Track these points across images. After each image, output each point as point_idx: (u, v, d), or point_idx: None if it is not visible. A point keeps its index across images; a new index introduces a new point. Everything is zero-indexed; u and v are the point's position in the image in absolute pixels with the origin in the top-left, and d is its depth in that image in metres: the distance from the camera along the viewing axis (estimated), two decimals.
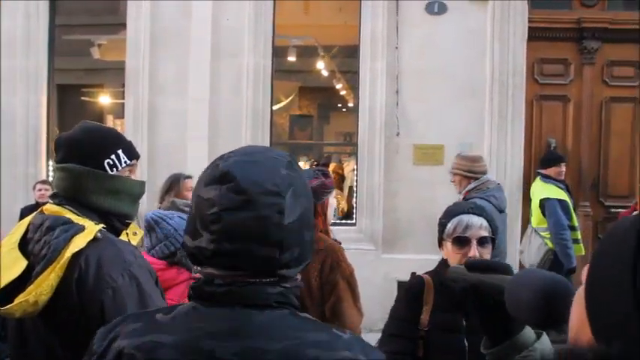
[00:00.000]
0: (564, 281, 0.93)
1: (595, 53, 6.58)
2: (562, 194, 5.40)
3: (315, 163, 8.97)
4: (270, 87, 6.56)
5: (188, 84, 6.43)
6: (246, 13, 6.41)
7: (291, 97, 10.09)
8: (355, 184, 6.72)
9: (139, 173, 2.01)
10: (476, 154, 4.96)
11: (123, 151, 1.86)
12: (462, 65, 6.30)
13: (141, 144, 6.14)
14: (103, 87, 9.29)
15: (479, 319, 1.12)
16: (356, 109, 6.67)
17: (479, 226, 2.15)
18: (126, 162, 1.86)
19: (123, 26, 6.67)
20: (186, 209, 3.07)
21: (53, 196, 1.85)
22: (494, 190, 4.52)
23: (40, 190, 6.07)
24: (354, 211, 6.66)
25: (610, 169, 6.61)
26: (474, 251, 2.12)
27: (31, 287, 1.61)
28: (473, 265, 1.16)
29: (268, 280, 1.04)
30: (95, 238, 1.68)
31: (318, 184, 2.85)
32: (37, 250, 1.69)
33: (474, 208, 2.24)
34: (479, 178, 4.55)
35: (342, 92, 9.48)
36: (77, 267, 1.65)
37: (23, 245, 1.74)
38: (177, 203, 3.67)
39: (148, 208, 4.35)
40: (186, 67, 6.42)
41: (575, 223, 5.43)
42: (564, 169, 5.65)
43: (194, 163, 5.34)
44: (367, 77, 6.42)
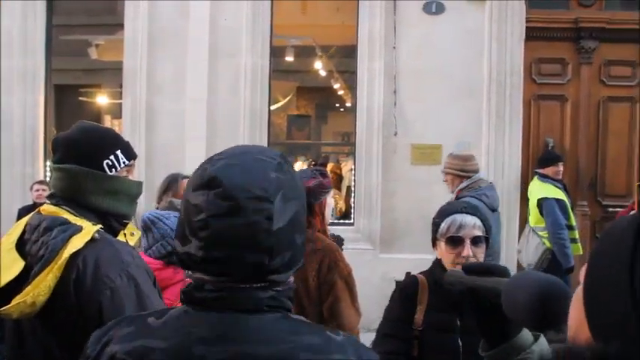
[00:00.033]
0: (560, 283, 0.93)
1: (592, 53, 6.59)
2: (560, 194, 5.40)
3: (312, 162, 8.96)
4: (267, 87, 6.55)
5: (186, 84, 6.42)
6: (244, 13, 6.41)
7: (288, 97, 10.09)
8: (353, 183, 6.72)
9: (136, 173, 2.01)
10: (467, 153, 4.98)
11: (122, 152, 1.86)
12: (460, 65, 6.30)
13: (138, 144, 6.13)
14: (101, 87, 9.29)
15: (476, 321, 1.12)
16: (354, 108, 6.66)
17: (472, 225, 2.14)
18: (124, 162, 1.86)
19: (120, 26, 6.66)
20: None
21: (50, 197, 1.85)
22: (486, 188, 4.52)
23: (37, 190, 6.05)
24: (352, 210, 6.66)
25: (607, 169, 6.61)
26: (467, 250, 2.11)
27: (28, 288, 1.61)
28: (470, 268, 1.16)
29: (259, 285, 1.03)
30: (93, 239, 1.68)
31: (315, 184, 2.85)
32: (34, 250, 1.69)
33: (467, 208, 2.23)
34: (471, 177, 4.56)
35: (340, 92, 9.49)
36: (75, 268, 1.64)
37: (20, 246, 1.73)
38: (174, 203, 3.65)
39: (146, 208, 4.34)
40: (184, 67, 6.41)
41: (573, 222, 5.43)
42: (562, 168, 5.65)
43: (192, 163, 5.26)
44: (365, 77, 6.41)
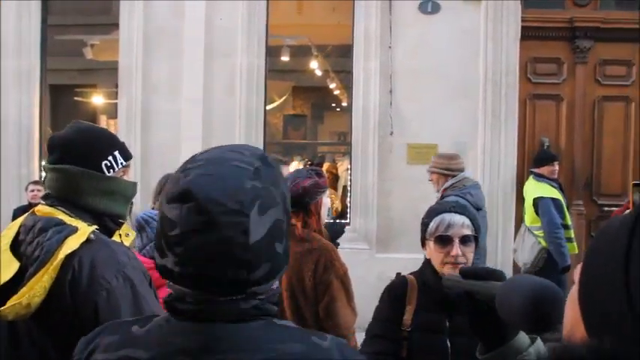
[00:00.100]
0: (553, 286, 0.94)
1: (587, 52, 6.60)
2: (555, 193, 5.41)
3: (308, 162, 8.94)
4: (263, 87, 6.55)
5: (181, 84, 6.42)
6: (240, 12, 6.40)
7: (284, 97, 10.08)
8: (349, 183, 6.72)
9: (132, 173, 2.01)
10: (453, 152, 5.01)
11: (119, 153, 1.86)
12: (456, 65, 6.31)
13: (134, 144, 6.13)
14: (96, 87, 9.26)
15: (474, 324, 1.13)
16: (350, 108, 6.67)
17: (461, 224, 2.13)
18: (122, 163, 1.86)
19: (116, 26, 6.65)
20: None
21: (45, 197, 1.84)
22: (470, 187, 4.55)
23: (32, 190, 6.04)
24: (348, 210, 6.66)
25: (603, 168, 6.63)
26: (456, 250, 2.10)
27: (23, 289, 1.60)
28: (467, 272, 1.17)
29: (240, 297, 1.01)
30: (88, 240, 1.67)
31: (311, 184, 2.85)
32: (29, 251, 1.68)
33: (455, 207, 2.22)
34: (456, 176, 4.58)
35: (336, 92, 9.48)
36: (70, 269, 1.63)
37: (15, 247, 1.72)
38: None
39: (141, 208, 4.33)
40: (180, 67, 6.41)
41: (569, 221, 5.44)
42: (557, 167, 5.66)
43: None
44: (361, 77, 6.42)
